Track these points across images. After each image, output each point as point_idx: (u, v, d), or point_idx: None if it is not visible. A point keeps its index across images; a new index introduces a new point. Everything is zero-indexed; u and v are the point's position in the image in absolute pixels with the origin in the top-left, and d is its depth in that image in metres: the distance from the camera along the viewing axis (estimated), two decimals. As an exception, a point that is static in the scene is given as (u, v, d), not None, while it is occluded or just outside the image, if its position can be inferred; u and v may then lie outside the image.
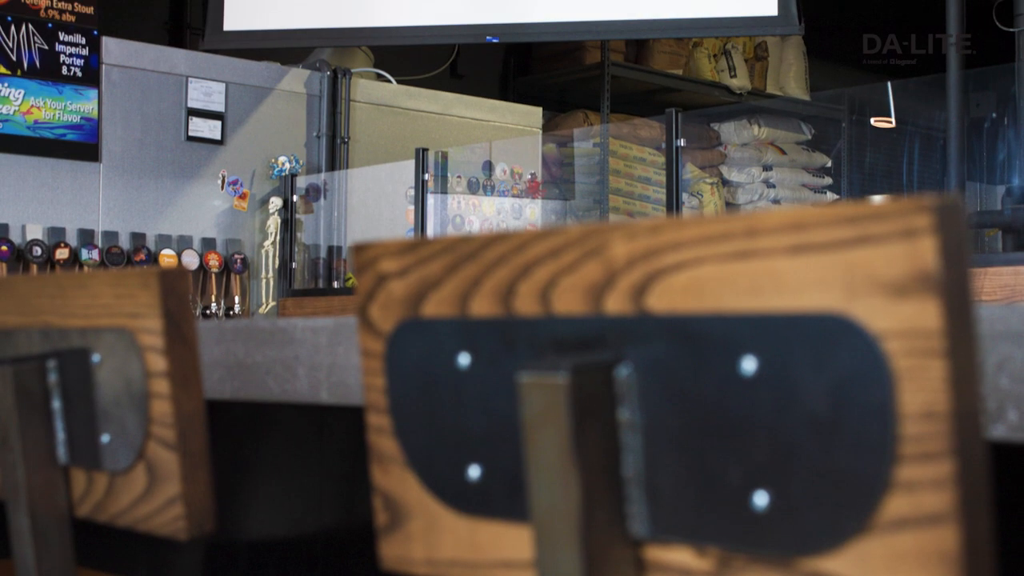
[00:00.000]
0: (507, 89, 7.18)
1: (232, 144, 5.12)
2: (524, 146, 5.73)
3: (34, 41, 4.65)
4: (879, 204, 0.65)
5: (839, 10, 8.22)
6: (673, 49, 7.23)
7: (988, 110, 5.26)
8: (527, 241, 0.82)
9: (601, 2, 5.18)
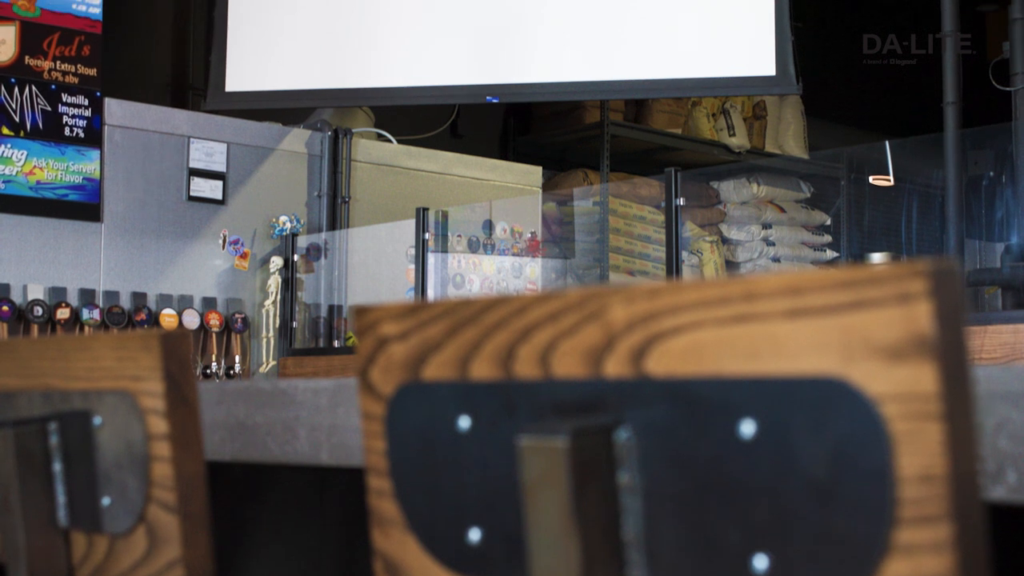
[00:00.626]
0: (507, 148, 7.22)
1: (233, 204, 5.14)
2: (524, 205, 5.75)
3: (37, 102, 4.68)
4: (875, 269, 0.65)
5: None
6: (672, 108, 7.28)
7: (986, 168, 5.29)
8: (527, 305, 0.83)
9: (600, 62, 5.22)
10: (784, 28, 5.00)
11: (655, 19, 5.19)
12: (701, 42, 5.15)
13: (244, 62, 5.40)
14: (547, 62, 5.27)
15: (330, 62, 5.41)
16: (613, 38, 5.20)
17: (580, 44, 5.24)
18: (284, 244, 5.20)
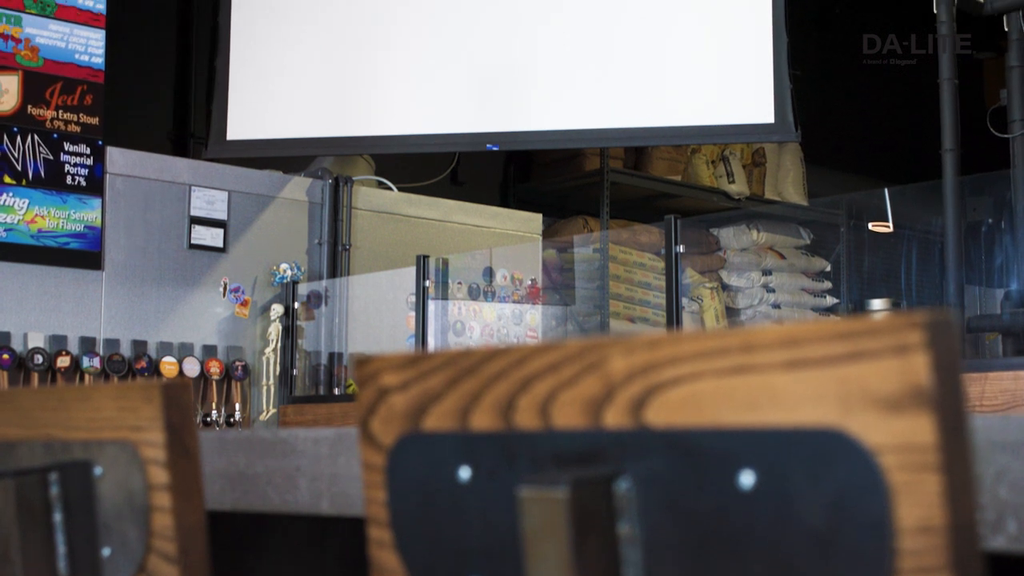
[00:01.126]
0: (507, 196, 7.24)
1: (234, 251, 5.16)
2: (524, 252, 5.76)
3: (39, 151, 4.70)
4: (872, 321, 0.66)
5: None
6: (672, 156, 7.31)
7: (985, 215, 5.30)
8: (527, 355, 0.83)
9: (600, 110, 5.24)
10: (782, 76, 5.02)
11: (654, 67, 5.22)
12: (700, 90, 5.17)
13: (245, 110, 5.43)
14: (547, 110, 5.30)
15: (331, 110, 5.44)
16: (612, 86, 5.23)
17: (580, 92, 5.27)
18: (285, 292, 5.20)
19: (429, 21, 5.41)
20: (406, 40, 5.42)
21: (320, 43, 5.47)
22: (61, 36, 4.80)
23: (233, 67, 5.42)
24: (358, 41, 5.45)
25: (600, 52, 5.26)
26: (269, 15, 5.49)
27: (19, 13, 4.71)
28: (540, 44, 5.32)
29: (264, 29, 5.49)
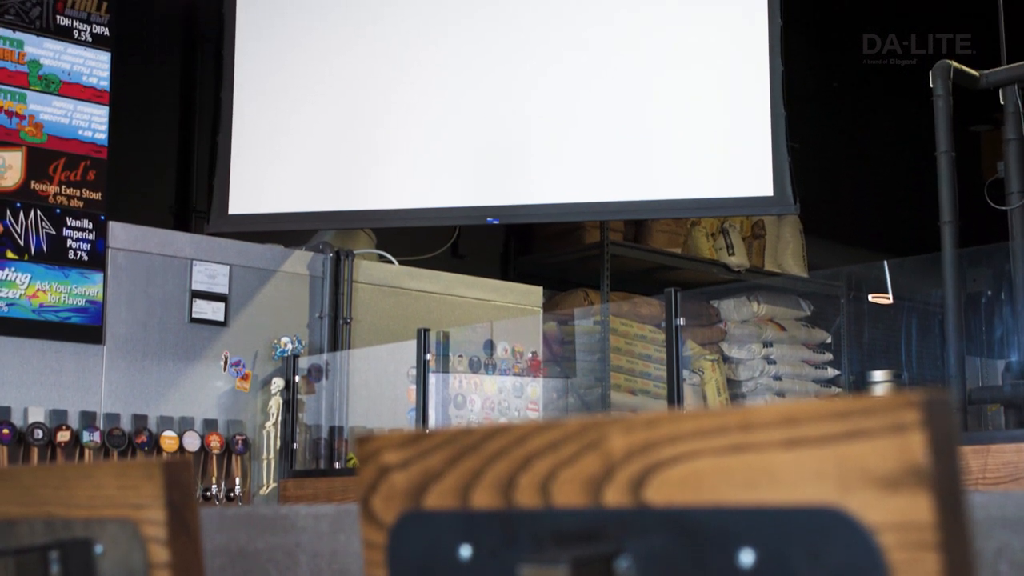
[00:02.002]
0: (508, 268, 7.25)
1: (235, 325, 5.16)
2: (525, 325, 5.76)
3: (42, 226, 4.72)
4: (869, 400, 0.66)
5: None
6: (671, 228, 7.33)
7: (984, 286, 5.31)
8: (527, 434, 0.83)
9: (599, 183, 5.27)
10: (781, 149, 5.06)
11: (653, 140, 5.25)
12: (699, 163, 5.20)
13: (247, 185, 5.46)
14: (547, 183, 5.33)
15: (331, 185, 5.47)
16: (612, 160, 5.27)
17: (579, 166, 5.30)
18: (285, 365, 5.20)
19: (429, 96, 5.46)
20: (406, 115, 5.47)
21: (321, 118, 5.51)
22: (65, 112, 4.84)
23: (235, 142, 5.46)
24: (358, 116, 5.50)
25: (599, 126, 5.30)
26: (271, 90, 5.54)
27: (24, 90, 4.75)
28: (540, 118, 5.36)
29: (266, 105, 5.53)
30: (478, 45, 5.44)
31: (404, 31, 5.52)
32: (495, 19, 5.44)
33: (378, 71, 5.51)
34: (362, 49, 5.54)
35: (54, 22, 4.86)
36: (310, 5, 5.60)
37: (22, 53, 4.77)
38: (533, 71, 5.40)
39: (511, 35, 5.43)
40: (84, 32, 4.93)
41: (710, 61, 5.24)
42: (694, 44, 5.27)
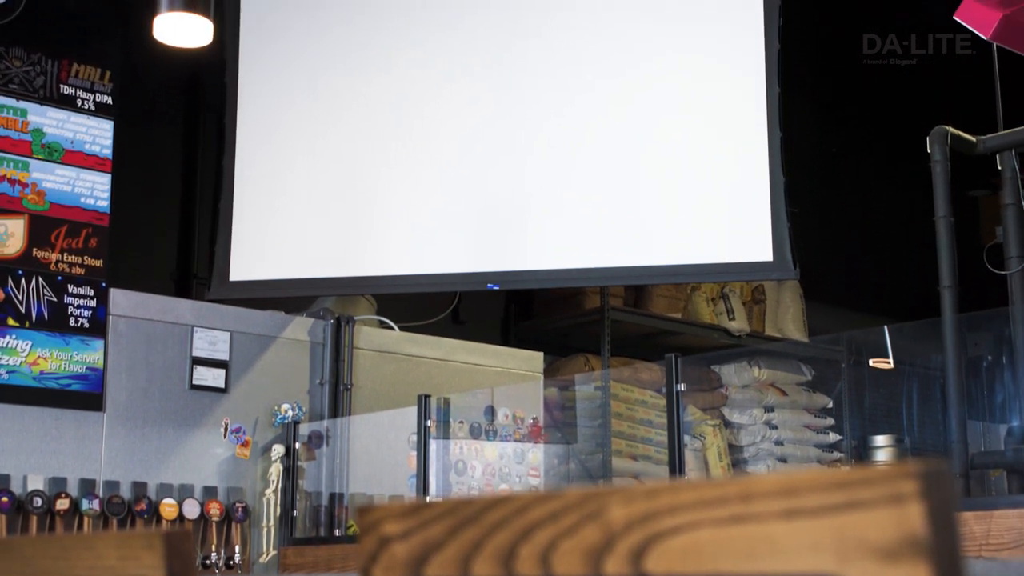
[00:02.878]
0: (508, 334, 7.26)
1: (236, 392, 5.16)
2: (526, 391, 5.76)
3: (43, 294, 4.74)
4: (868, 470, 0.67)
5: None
6: (671, 293, 7.34)
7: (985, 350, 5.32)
8: (527, 504, 0.84)
9: (599, 249, 5.29)
10: (780, 214, 5.08)
11: (653, 206, 5.28)
12: (699, 228, 5.22)
13: (248, 252, 5.48)
14: (547, 249, 5.34)
15: (332, 251, 5.48)
16: (612, 225, 5.28)
17: (579, 231, 5.32)
18: (286, 432, 5.19)
19: (428, 163, 5.49)
20: (406, 182, 5.50)
21: (322, 186, 5.54)
22: (67, 180, 4.87)
23: (236, 209, 5.49)
24: (358, 183, 5.53)
25: (599, 192, 5.32)
26: (272, 158, 5.57)
27: (27, 158, 4.78)
28: (539, 184, 5.39)
29: (267, 172, 5.57)
30: (477, 111, 5.48)
31: (403, 98, 5.56)
32: (493, 84, 5.49)
33: (377, 139, 5.55)
34: (361, 117, 5.58)
35: (58, 91, 4.90)
36: (311, 75, 5.65)
37: (25, 122, 4.81)
38: (531, 137, 5.43)
39: (509, 100, 5.47)
40: (87, 101, 4.97)
41: (709, 126, 5.28)
42: (693, 110, 5.31)
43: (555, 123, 5.42)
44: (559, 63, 5.46)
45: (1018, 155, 4.95)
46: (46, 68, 4.88)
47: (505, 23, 5.54)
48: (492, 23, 5.55)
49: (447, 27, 5.59)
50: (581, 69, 5.44)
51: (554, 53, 5.47)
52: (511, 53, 5.51)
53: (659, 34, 5.39)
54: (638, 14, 5.42)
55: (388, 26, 5.64)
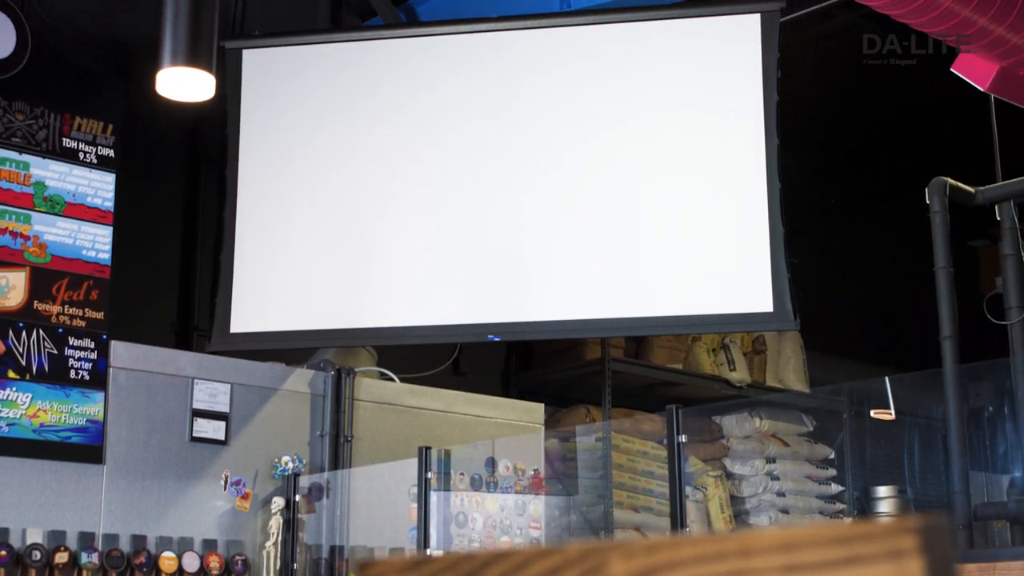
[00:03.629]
0: (509, 385, 7.25)
1: (236, 444, 5.15)
2: (527, 442, 5.75)
3: (44, 346, 4.74)
4: (867, 525, 0.67)
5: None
6: (672, 344, 7.34)
7: (986, 401, 5.31)
8: (528, 559, 0.84)
9: (600, 300, 5.29)
10: (780, 265, 5.09)
11: (653, 257, 5.29)
12: (699, 279, 5.23)
13: (248, 303, 5.49)
14: (547, 300, 5.35)
15: (333, 303, 5.49)
16: (612, 276, 5.29)
17: (580, 282, 5.33)
18: (286, 484, 5.18)
19: (428, 214, 5.51)
20: (407, 233, 5.51)
21: (322, 238, 5.56)
22: (69, 233, 4.89)
23: (237, 261, 5.50)
24: (359, 235, 5.54)
25: (599, 243, 5.33)
26: (273, 210, 5.59)
27: (29, 211, 4.80)
28: (539, 235, 5.40)
29: (267, 224, 5.58)
30: (477, 162, 5.50)
31: (402, 151, 5.59)
32: (493, 134, 5.51)
33: (377, 191, 5.57)
34: (361, 169, 5.60)
35: (60, 144, 4.92)
36: (312, 128, 5.68)
37: (28, 175, 4.83)
38: (531, 187, 5.45)
39: (508, 151, 5.49)
40: (90, 154, 4.99)
41: (709, 177, 5.29)
42: (693, 160, 5.33)
43: (555, 173, 5.44)
44: (557, 113, 5.49)
45: (1016, 206, 4.97)
46: (49, 121, 4.91)
47: (503, 75, 5.57)
48: (490, 75, 5.59)
49: (445, 81, 5.62)
50: (579, 119, 5.47)
51: (553, 103, 5.50)
52: (509, 104, 5.54)
53: (659, 86, 5.42)
54: (636, 65, 5.45)
55: (387, 80, 5.67)
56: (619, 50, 5.48)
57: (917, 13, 3.95)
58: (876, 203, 8.94)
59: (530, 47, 5.57)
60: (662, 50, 5.44)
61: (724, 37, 5.37)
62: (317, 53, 5.75)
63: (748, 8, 5.33)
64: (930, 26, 4.04)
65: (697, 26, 5.43)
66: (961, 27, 4.01)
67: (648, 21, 5.46)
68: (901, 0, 3.85)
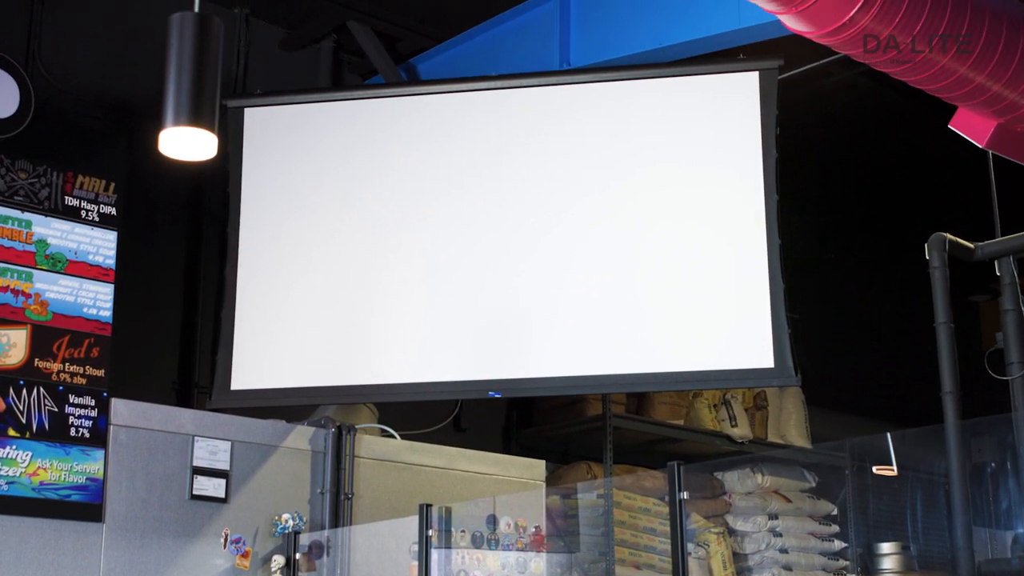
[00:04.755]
0: (510, 441, 7.23)
1: (236, 501, 5.13)
2: (528, 499, 5.73)
3: (44, 404, 4.73)
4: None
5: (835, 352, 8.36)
6: (673, 400, 7.33)
7: (988, 456, 5.30)
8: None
9: (601, 356, 5.29)
10: (780, 320, 5.10)
11: (653, 313, 5.29)
12: (699, 335, 5.23)
13: (249, 361, 5.49)
14: (548, 356, 5.35)
15: (333, 360, 5.49)
16: (613, 333, 5.30)
17: (580, 339, 5.33)
18: (286, 542, 5.16)
19: (429, 272, 5.52)
20: (407, 290, 5.52)
21: (323, 295, 5.57)
22: (71, 291, 4.90)
23: (238, 318, 5.51)
24: (359, 292, 5.55)
25: (599, 299, 5.34)
26: (274, 267, 5.61)
27: (31, 269, 4.81)
28: (540, 291, 5.41)
29: (269, 281, 5.60)
30: (477, 218, 5.53)
31: (402, 208, 5.61)
32: (493, 191, 5.54)
33: (377, 248, 5.59)
34: (361, 227, 5.62)
35: (62, 203, 4.94)
36: (313, 184, 5.70)
37: (30, 233, 4.84)
38: (532, 244, 5.47)
39: (509, 207, 5.51)
40: (92, 212, 5.01)
41: (709, 234, 5.32)
42: (693, 217, 5.35)
43: (555, 230, 5.46)
44: (557, 170, 5.52)
45: (1016, 261, 4.98)
46: (51, 180, 4.93)
47: (504, 131, 5.60)
48: (491, 132, 5.62)
49: (445, 138, 5.66)
50: (579, 176, 5.50)
51: (552, 160, 5.53)
52: (509, 160, 5.57)
53: (658, 143, 5.45)
54: (635, 122, 5.49)
55: (387, 138, 5.71)
56: (618, 107, 5.52)
57: (914, 71, 3.97)
58: (876, 258, 8.96)
59: (531, 104, 5.61)
60: (661, 107, 5.48)
61: (723, 95, 5.41)
62: (319, 111, 5.78)
63: (746, 66, 5.37)
64: (928, 83, 4.06)
65: (696, 83, 5.47)
66: (958, 84, 4.03)
67: (648, 79, 5.50)
68: (898, 58, 3.87)
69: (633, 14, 5.64)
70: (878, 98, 7.43)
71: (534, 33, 6.01)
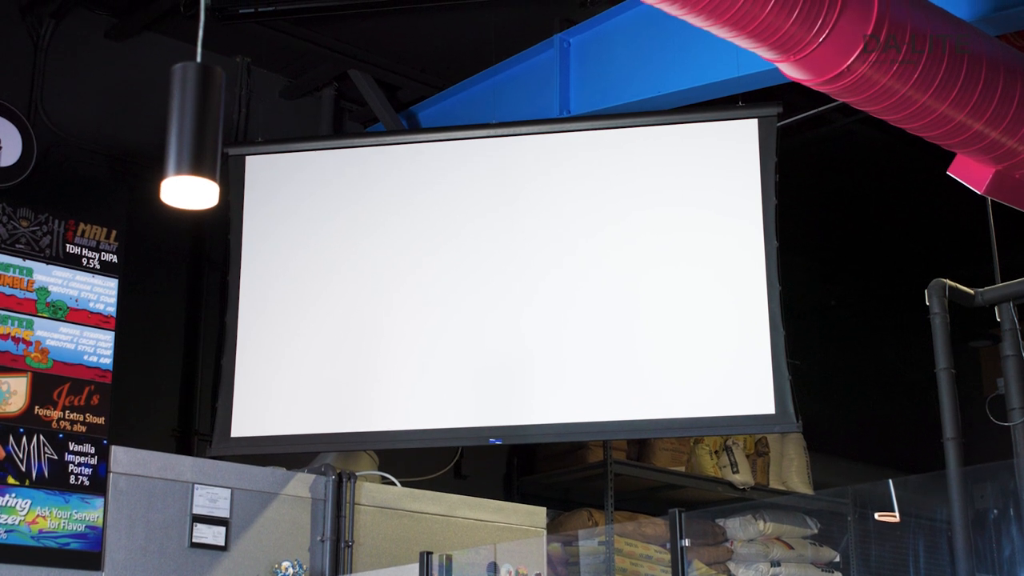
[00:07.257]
0: (511, 489, 7.21)
1: (236, 549, 5.11)
2: (529, 546, 5.70)
3: (44, 452, 4.73)
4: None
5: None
6: (675, 446, 7.32)
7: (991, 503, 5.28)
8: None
9: (602, 403, 5.29)
10: (781, 367, 5.10)
11: (654, 360, 5.30)
12: (700, 382, 5.23)
13: (250, 408, 5.49)
14: (549, 403, 5.35)
15: (334, 407, 5.49)
16: (613, 379, 5.30)
17: (581, 385, 5.33)
18: (286, 591, 5.13)
19: (429, 318, 5.53)
20: (407, 338, 5.53)
21: (324, 342, 5.57)
22: (71, 338, 4.90)
23: (239, 365, 5.51)
24: (360, 339, 5.56)
25: (600, 346, 5.35)
26: (274, 315, 5.61)
27: (32, 317, 4.82)
28: (540, 338, 5.42)
29: (269, 329, 5.60)
30: (476, 266, 5.54)
31: (402, 255, 5.63)
32: (492, 238, 5.56)
33: (377, 295, 5.60)
34: (361, 274, 5.64)
35: (63, 250, 4.95)
36: (314, 232, 5.72)
37: (31, 281, 4.85)
38: (532, 290, 5.48)
39: (507, 254, 5.53)
40: (93, 260, 5.02)
41: (709, 280, 5.33)
42: (693, 264, 5.36)
43: (555, 277, 5.47)
44: (557, 217, 5.53)
45: (1016, 306, 4.98)
46: (53, 228, 4.94)
47: (504, 179, 5.63)
48: (491, 179, 5.64)
49: (445, 185, 5.68)
50: (578, 223, 5.51)
51: (552, 207, 5.55)
52: (509, 207, 5.59)
53: (657, 189, 5.47)
54: (634, 170, 5.51)
55: (388, 185, 5.73)
56: (618, 155, 5.54)
57: (912, 118, 3.99)
58: (876, 304, 8.96)
59: (531, 152, 5.64)
60: (661, 155, 5.50)
61: (722, 142, 5.43)
62: (319, 159, 5.81)
63: (745, 114, 5.39)
64: (925, 130, 4.08)
65: (695, 131, 5.49)
66: (956, 131, 4.05)
67: (647, 127, 5.53)
68: (896, 106, 3.89)
69: (632, 62, 5.67)
70: (877, 145, 7.46)
71: (534, 81, 6.04)
